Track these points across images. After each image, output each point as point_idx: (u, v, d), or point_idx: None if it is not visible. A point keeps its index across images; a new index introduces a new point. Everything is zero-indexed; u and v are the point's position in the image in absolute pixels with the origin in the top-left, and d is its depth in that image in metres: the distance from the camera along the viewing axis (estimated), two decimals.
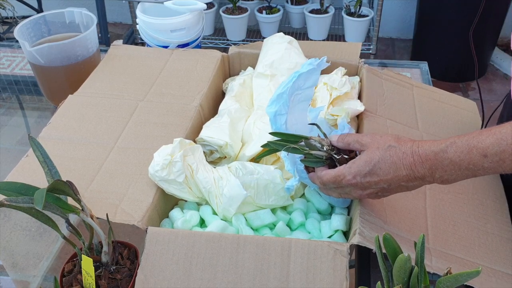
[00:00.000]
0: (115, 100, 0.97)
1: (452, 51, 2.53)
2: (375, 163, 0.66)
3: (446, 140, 0.63)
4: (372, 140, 0.68)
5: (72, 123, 0.91)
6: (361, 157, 0.67)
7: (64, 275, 0.70)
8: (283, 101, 0.74)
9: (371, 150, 0.67)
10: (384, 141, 0.67)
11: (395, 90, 1.04)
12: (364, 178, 0.67)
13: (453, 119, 1.01)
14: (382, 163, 0.65)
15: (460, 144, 0.61)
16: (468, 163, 0.61)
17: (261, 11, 2.80)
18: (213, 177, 0.79)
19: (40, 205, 0.55)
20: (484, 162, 0.60)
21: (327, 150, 0.71)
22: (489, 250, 0.74)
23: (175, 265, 0.67)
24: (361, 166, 0.67)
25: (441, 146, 0.62)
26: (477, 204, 0.82)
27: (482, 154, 0.60)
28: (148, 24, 1.15)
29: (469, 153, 0.60)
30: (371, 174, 0.66)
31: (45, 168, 0.66)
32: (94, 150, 0.85)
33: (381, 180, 0.66)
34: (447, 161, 0.62)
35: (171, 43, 1.16)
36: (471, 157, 0.60)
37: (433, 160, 0.62)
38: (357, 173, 0.67)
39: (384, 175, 0.65)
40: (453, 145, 0.61)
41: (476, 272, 0.51)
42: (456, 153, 0.61)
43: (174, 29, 1.15)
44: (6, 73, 1.30)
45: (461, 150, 0.61)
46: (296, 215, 0.80)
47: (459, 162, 0.61)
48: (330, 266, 0.66)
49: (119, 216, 0.73)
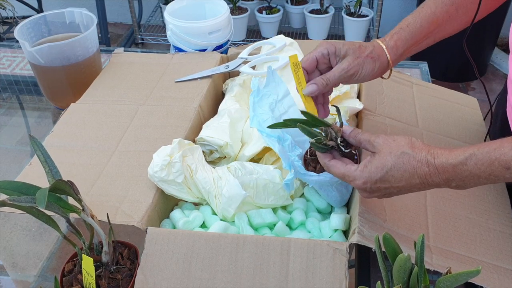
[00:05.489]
0: (116, 106, 0.98)
1: (452, 51, 2.53)
2: (387, 170, 0.64)
3: (464, 150, 0.61)
4: (384, 143, 0.65)
5: (74, 130, 0.92)
6: (372, 162, 0.65)
7: (64, 275, 0.70)
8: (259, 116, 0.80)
9: (383, 155, 0.64)
10: (397, 146, 0.64)
11: (395, 88, 1.04)
12: (375, 184, 0.65)
13: (454, 116, 1.01)
14: (394, 171, 0.63)
15: (481, 156, 0.59)
16: (489, 174, 0.60)
17: (261, 11, 2.80)
18: (213, 177, 0.79)
19: (43, 204, 0.55)
20: (506, 174, 0.59)
21: (339, 143, 0.70)
22: (490, 246, 0.74)
23: (174, 265, 0.67)
24: (372, 172, 0.65)
25: (459, 158, 0.60)
26: (479, 200, 0.81)
27: (504, 167, 0.58)
28: (183, 28, 1.12)
29: (490, 166, 0.59)
30: (382, 181, 0.64)
31: (46, 168, 0.66)
32: (95, 155, 0.86)
33: (392, 186, 0.65)
34: (467, 173, 0.60)
35: (209, 46, 1.14)
36: (492, 169, 0.59)
37: (451, 173, 0.61)
38: (368, 179, 0.65)
39: (395, 182, 0.64)
40: (473, 157, 0.60)
41: (476, 272, 0.51)
42: (477, 166, 0.60)
43: (211, 31, 1.13)
44: (6, 73, 1.30)
45: (481, 162, 0.59)
46: (296, 214, 0.80)
47: (479, 173, 0.60)
48: (329, 265, 0.66)
49: (119, 217, 0.73)
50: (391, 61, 0.78)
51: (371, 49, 0.77)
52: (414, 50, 0.82)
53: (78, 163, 0.85)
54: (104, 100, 0.99)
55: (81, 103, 0.99)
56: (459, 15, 0.82)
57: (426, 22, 0.79)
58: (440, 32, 0.82)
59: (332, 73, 0.76)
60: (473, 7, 0.81)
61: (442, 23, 0.80)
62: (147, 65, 1.10)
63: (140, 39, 2.91)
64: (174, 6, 1.18)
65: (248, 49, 1.07)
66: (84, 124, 0.93)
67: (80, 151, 0.87)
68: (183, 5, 1.20)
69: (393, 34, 0.79)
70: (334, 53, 0.76)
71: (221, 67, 1.05)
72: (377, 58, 0.77)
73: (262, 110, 0.83)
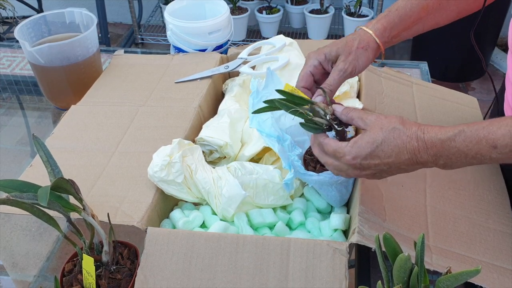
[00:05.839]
0: (116, 107, 0.98)
1: (452, 51, 2.53)
2: (377, 144, 0.64)
3: (454, 127, 0.61)
4: (376, 120, 0.66)
5: (74, 132, 0.92)
6: (363, 137, 0.65)
7: (64, 274, 0.70)
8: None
9: (374, 131, 0.65)
10: (388, 122, 0.65)
11: (395, 88, 1.04)
12: (365, 160, 0.65)
13: (454, 116, 1.01)
14: (384, 145, 0.64)
15: (469, 133, 0.60)
16: (476, 152, 0.60)
17: (261, 11, 2.80)
18: (212, 177, 0.79)
19: (45, 201, 0.55)
20: (492, 153, 0.59)
21: (329, 120, 0.70)
22: (490, 246, 0.74)
23: (174, 265, 0.67)
24: (362, 147, 0.65)
25: (448, 134, 0.61)
26: (478, 200, 0.81)
27: (491, 145, 0.59)
28: (183, 28, 1.12)
29: (478, 143, 0.59)
30: (372, 156, 0.64)
31: (48, 168, 0.66)
32: (95, 156, 0.86)
33: (382, 162, 0.64)
34: (454, 150, 0.61)
35: (209, 46, 1.14)
36: (479, 147, 0.59)
37: (439, 148, 0.61)
38: (358, 154, 0.65)
39: (385, 157, 0.64)
40: (461, 134, 0.60)
41: (475, 271, 0.51)
42: (465, 142, 0.60)
43: (211, 31, 1.13)
44: (6, 73, 1.30)
45: (470, 139, 0.60)
46: (296, 214, 0.80)
47: (466, 151, 0.60)
48: (329, 265, 0.66)
49: (119, 217, 0.73)
50: (381, 44, 0.78)
51: (358, 39, 0.77)
52: (404, 35, 0.82)
53: (78, 164, 0.85)
54: (105, 102, 1.00)
55: (82, 105, 1.00)
56: (450, 5, 0.82)
57: (416, 6, 0.79)
58: (430, 20, 0.82)
59: (331, 78, 0.76)
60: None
61: (433, 11, 0.81)
62: (147, 67, 1.10)
63: (140, 39, 2.91)
64: (174, 6, 1.18)
65: (248, 49, 1.06)
66: (85, 125, 0.93)
67: (81, 153, 0.87)
68: (183, 5, 1.20)
69: (380, 17, 0.79)
70: (325, 60, 0.77)
71: (221, 68, 1.05)
72: (367, 46, 0.77)
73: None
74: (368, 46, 0.77)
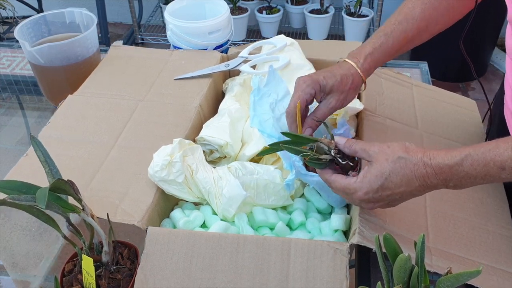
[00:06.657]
0: (115, 100, 0.97)
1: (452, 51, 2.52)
2: (386, 176, 0.64)
3: (460, 151, 0.62)
4: (380, 150, 0.66)
5: (71, 122, 0.91)
6: (370, 171, 0.65)
7: (64, 275, 0.70)
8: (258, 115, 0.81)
9: (380, 163, 0.65)
10: (392, 152, 0.65)
11: (395, 89, 1.04)
12: (376, 193, 0.65)
13: (453, 118, 1.01)
14: (393, 176, 0.64)
15: (476, 157, 0.60)
16: (485, 174, 0.61)
17: (261, 11, 2.80)
18: (213, 177, 0.79)
19: (43, 203, 0.55)
20: (501, 174, 0.60)
21: (334, 155, 0.70)
22: (490, 248, 0.74)
23: (175, 265, 0.67)
24: (372, 181, 0.65)
25: (455, 159, 0.61)
26: (478, 203, 0.82)
27: (500, 167, 0.59)
28: (183, 28, 1.12)
29: (486, 166, 0.60)
30: (383, 188, 0.65)
31: (46, 168, 0.66)
32: (94, 149, 0.85)
33: (394, 193, 0.65)
34: (463, 174, 0.61)
35: (209, 46, 1.14)
36: (487, 169, 0.60)
37: (448, 173, 0.62)
38: (369, 189, 0.65)
39: (396, 188, 0.64)
40: (468, 158, 0.61)
41: (476, 272, 0.51)
42: (473, 166, 0.61)
43: (211, 31, 1.13)
44: (6, 73, 1.30)
45: (477, 163, 0.60)
46: (296, 215, 0.80)
47: (475, 174, 0.61)
48: (330, 265, 0.66)
49: (119, 215, 0.73)
50: (365, 80, 0.82)
51: (351, 79, 0.79)
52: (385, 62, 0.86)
53: (76, 156, 0.84)
54: (103, 94, 0.99)
55: (79, 95, 0.98)
56: (428, 30, 0.85)
57: (397, 40, 0.83)
58: (410, 45, 0.86)
59: (321, 112, 0.78)
60: (442, 20, 0.85)
61: (413, 39, 0.85)
62: (146, 60, 1.09)
63: (140, 39, 2.91)
64: (174, 6, 1.18)
65: (249, 48, 1.06)
66: (82, 117, 0.93)
67: (78, 144, 0.87)
68: (183, 5, 1.20)
69: (366, 55, 0.81)
70: (319, 91, 0.78)
71: (221, 66, 1.05)
72: (356, 86, 0.81)
73: (262, 109, 0.83)
74: (357, 86, 0.81)
